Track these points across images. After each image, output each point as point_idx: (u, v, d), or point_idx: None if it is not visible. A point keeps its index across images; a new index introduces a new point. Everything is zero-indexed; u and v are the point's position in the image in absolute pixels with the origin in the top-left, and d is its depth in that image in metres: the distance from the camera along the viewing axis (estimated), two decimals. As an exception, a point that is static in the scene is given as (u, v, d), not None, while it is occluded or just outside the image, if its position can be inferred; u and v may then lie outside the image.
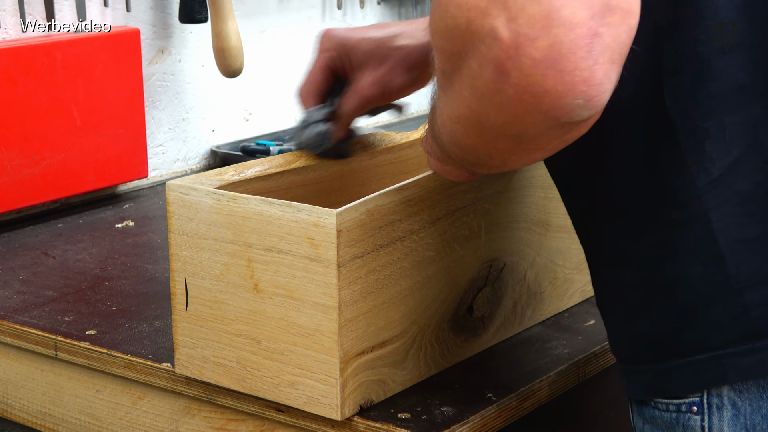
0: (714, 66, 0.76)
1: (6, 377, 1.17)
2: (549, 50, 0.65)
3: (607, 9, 0.65)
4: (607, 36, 0.66)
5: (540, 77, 0.66)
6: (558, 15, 0.65)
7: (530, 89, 0.67)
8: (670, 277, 0.80)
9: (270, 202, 0.92)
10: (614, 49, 0.66)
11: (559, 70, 0.66)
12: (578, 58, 0.65)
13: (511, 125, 0.71)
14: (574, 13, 0.65)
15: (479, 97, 0.70)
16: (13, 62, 1.42)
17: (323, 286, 0.90)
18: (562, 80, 0.66)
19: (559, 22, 0.65)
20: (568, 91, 0.66)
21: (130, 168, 1.58)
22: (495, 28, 0.66)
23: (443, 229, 0.98)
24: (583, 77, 0.66)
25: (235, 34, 1.60)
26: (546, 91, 0.66)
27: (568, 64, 0.65)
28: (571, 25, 0.65)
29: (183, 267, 0.97)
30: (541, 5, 0.65)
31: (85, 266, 1.31)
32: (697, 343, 0.79)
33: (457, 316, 1.02)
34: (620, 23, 0.66)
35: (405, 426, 0.93)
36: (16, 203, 1.46)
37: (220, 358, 0.97)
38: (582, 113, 0.68)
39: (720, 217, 0.77)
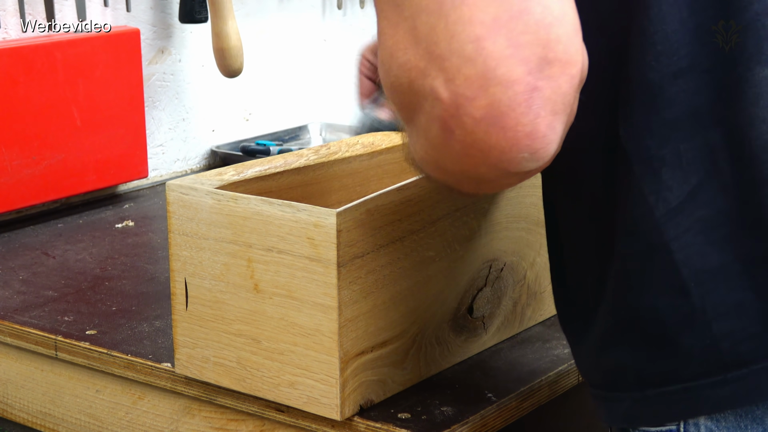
0: (666, 92, 0.73)
1: (6, 377, 1.17)
2: (489, 109, 0.65)
3: (544, 62, 0.64)
4: (547, 89, 0.65)
5: (483, 134, 0.66)
6: (494, 74, 0.64)
7: (475, 145, 0.67)
8: (635, 308, 0.78)
9: (270, 202, 0.92)
10: (556, 101, 0.65)
11: (501, 127, 0.65)
12: (519, 114, 0.65)
13: (467, 172, 0.71)
14: (509, 70, 0.64)
15: (432, 147, 0.70)
16: (14, 62, 1.42)
17: (323, 286, 0.90)
18: (504, 136, 0.65)
19: (496, 81, 0.64)
20: (513, 147, 0.66)
21: (130, 168, 1.58)
22: (435, 89, 0.66)
23: (443, 229, 0.98)
24: (526, 132, 0.65)
25: (235, 34, 1.60)
26: (491, 146, 0.66)
27: (509, 121, 0.65)
28: (508, 83, 0.64)
29: (183, 267, 0.97)
30: (476, 66, 0.64)
31: (85, 266, 1.31)
32: (668, 374, 0.77)
33: (457, 316, 1.02)
34: (560, 74, 0.65)
35: (405, 426, 0.93)
36: (16, 203, 1.46)
37: (221, 358, 0.97)
38: (529, 165, 0.68)
39: (682, 247, 0.75)
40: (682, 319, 0.76)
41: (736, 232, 0.74)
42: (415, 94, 0.68)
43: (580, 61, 0.66)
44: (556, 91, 0.65)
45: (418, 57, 0.66)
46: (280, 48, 1.83)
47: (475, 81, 0.64)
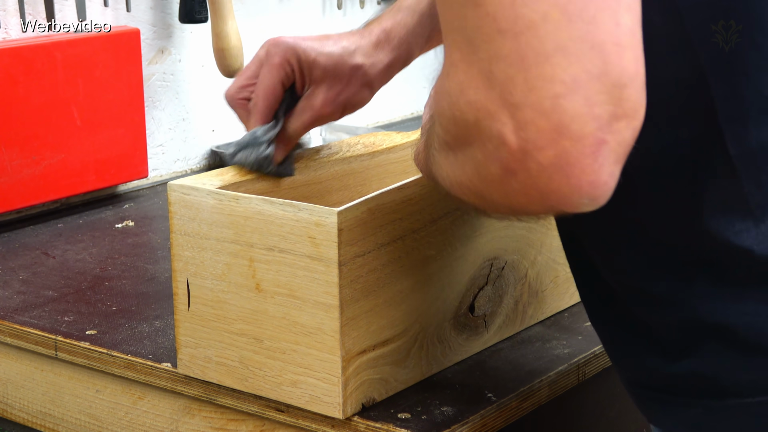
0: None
1: (6, 377, 1.17)
2: (556, 159, 0.66)
3: (614, 118, 0.66)
4: (613, 142, 0.67)
5: (547, 179, 0.67)
6: (567, 129, 0.66)
7: (536, 187, 0.68)
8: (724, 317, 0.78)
9: (271, 202, 0.92)
10: (619, 152, 0.68)
11: (565, 175, 0.67)
12: (585, 165, 0.67)
13: (513, 207, 0.72)
14: (582, 127, 0.66)
15: (482, 181, 0.71)
16: (14, 62, 1.42)
17: (325, 285, 0.90)
18: (568, 183, 0.67)
19: (568, 136, 0.66)
20: (574, 192, 0.68)
21: (130, 168, 1.58)
22: (503, 134, 0.67)
23: (444, 227, 0.98)
24: (589, 180, 0.67)
25: (235, 34, 1.60)
26: (552, 191, 0.68)
27: (575, 170, 0.67)
28: (579, 138, 0.66)
29: (185, 267, 0.97)
30: (550, 120, 0.65)
31: (85, 266, 1.31)
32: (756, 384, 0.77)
33: (458, 314, 1.02)
34: (625, 128, 0.67)
35: (405, 426, 0.93)
36: (16, 203, 1.46)
37: (223, 358, 0.97)
38: (586, 208, 0.69)
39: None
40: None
41: None
42: (479, 132, 0.69)
43: (642, 113, 0.68)
44: (620, 144, 0.67)
45: (489, 100, 0.67)
46: (280, 48, 1.83)
47: (546, 133, 0.66)
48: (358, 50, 1.02)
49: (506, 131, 0.67)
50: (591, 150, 0.66)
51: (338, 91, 1.01)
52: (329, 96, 1.01)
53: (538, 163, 0.67)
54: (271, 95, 1.02)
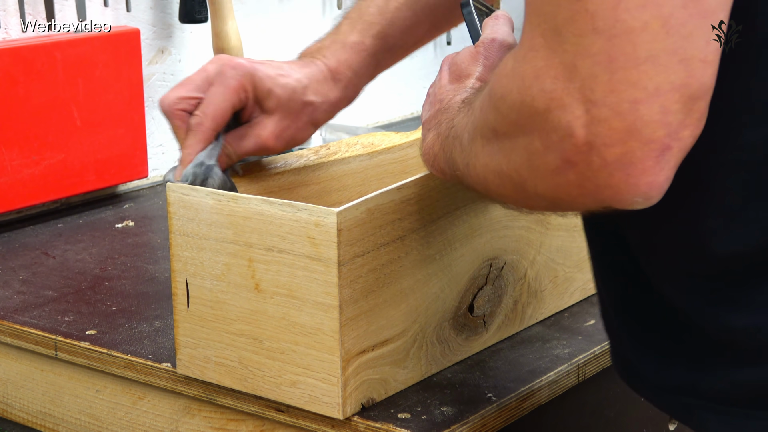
0: None
1: (6, 377, 1.17)
2: (621, 157, 0.68)
3: (681, 127, 0.68)
4: (676, 148, 0.68)
5: (607, 175, 0.69)
6: (638, 132, 0.67)
7: (593, 181, 0.70)
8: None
9: (270, 202, 0.92)
10: (678, 157, 0.69)
11: (626, 173, 0.68)
12: (647, 166, 0.68)
13: (557, 198, 0.73)
14: (653, 132, 0.67)
15: (533, 168, 0.72)
16: (14, 62, 1.42)
17: (324, 285, 0.90)
18: (626, 181, 0.69)
19: (637, 138, 0.67)
20: (631, 190, 0.69)
21: (130, 168, 1.58)
22: (572, 126, 0.68)
23: (444, 227, 0.98)
24: (647, 181, 0.69)
25: (235, 34, 1.60)
26: (610, 185, 0.69)
27: (636, 170, 0.68)
28: (648, 141, 0.67)
29: (184, 267, 0.97)
30: (625, 122, 0.67)
31: (85, 266, 1.31)
32: None
33: (457, 314, 1.02)
34: (689, 136, 0.69)
35: (405, 426, 0.93)
36: (16, 203, 1.46)
37: (222, 358, 0.97)
38: (637, 206, 0.71)
39: None
40: None
41: None
42: (546, 121, 0.69)
43: (703, 123, 0.70)
44: (681, 150, 0.69)
45: (567, 92, 0.68)
46: (280, 48, 1.84)
47: (618, 133, 0.67)
48: (310, 87, 1.03)
49: (577, 124, 0.68)
50: (656, 154, 0.68)
51: (286, 125, 1.03)
52: (277, 129, 1.03)
53: (602, 159, 0.68)
54: (221, 118, 1.02)
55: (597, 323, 1.13)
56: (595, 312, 1.16)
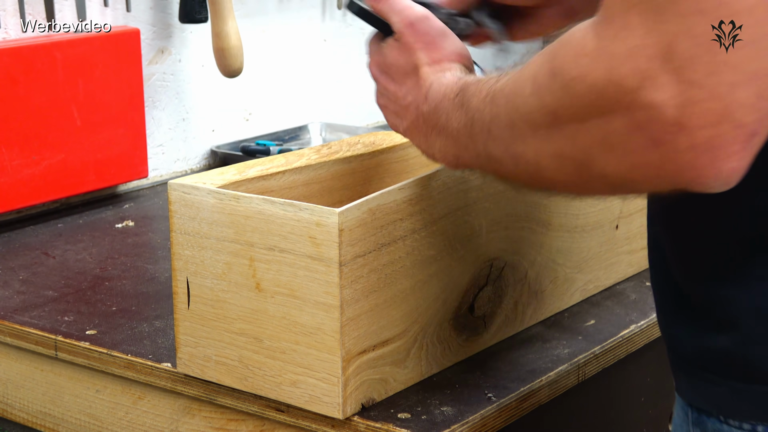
0: None
1: (6, 377, 1.17)
2: (711, 140, 0.68)
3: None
4: (762, 134, 0.69)
5: (692, 157, 0.69)
6: (732, 116, 0.67)
7: (677, 162, 0.70)
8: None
9: (272, 201, 0.92)
10: (760, 144, 0.69)
11: (712, 157, 0.69)
12: (733, 151, 0.68)
13: (629, 179, 0.73)
14: (745, 116, 0.67)
15: (607, 149, 0.72)
16: (14, 62, 1.42)
17: (325, 285, 0.90)
18: (712, 164, 0.69)
19: (730, 121, 0.68)
20: (714, 174, 0.69)
21: (130, 168, 1.58)
22: (663, 107, 0.68)
23: (444, 228, 0.98)
24: (731, 166, 0.69)
25: (235, 34, 1.60)
26: (693, 167, 0.69)
27: (723, 154, 0.69)
28: (739, 125, 0.68)
29: (185, 266, 0.97)
30: (720, 104, 0.67)
31: (85, 266, 1.31)
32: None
33: (458, 315, 1.02)
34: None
35: (405, 426, 0.93)
36: (16, 203, 1.46)
37: (223, 357, 0.97)
38: (714, 189, 0.71)
39: None
40: None
41: None
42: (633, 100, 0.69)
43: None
44: (764, 136, 0.69)
45: (663, 71, 0.68)
46: (280, 48, 1.84)
47: (711, 115, 0.68)
48: None
49: (669, 104, 0.68)
50: (744, 138, 0.68)
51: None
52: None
53: (690, 140, 0.68)
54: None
55: (597, 323, 1.14)
56: (594, 312, 1.16)
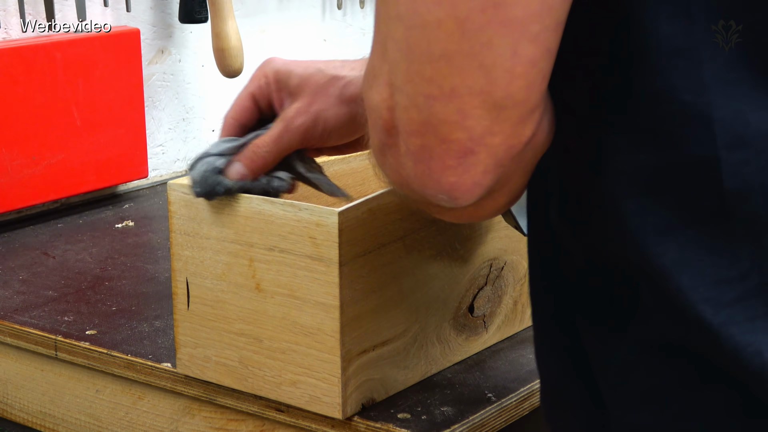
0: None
1: (6, 377, 1.17)
2: (421, 149, 0.66)
3: (488, 134, 0.65)
4: (483, 154, 0.66)
5: (411, 163, 0.67)
6: (434, 129, 0.65)
7: (403, 167, 0.68)
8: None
9: (271, 202, 0.92)
10: (488, 163, 0.66)
11: (427, 167, 0.67)
12: (447, 165, 0.66)
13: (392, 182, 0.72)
14: (450, 132, 0.65)
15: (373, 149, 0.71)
16: (14, 62, 1.42)
17: (325, 285, 0.90)
18: (429, 176, 0.67)
19: (434, 134, 0.65)
20: (434, 186, 0.67)
21: (130, 168, 1.58)
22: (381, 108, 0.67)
23: (444, 227, 0.98)
24: (450, 181, 0.67)
25: (235, 34, 1.60)
26: (415, 176, 0.68)
27: (437, 166, 0.66)
28: (445, 140, 0.65)
29: (185, 267, 0.97)
30: (421, 114, 0.65)
31: (85, 266, 1.31)
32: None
33: (458, 315, 1.02)
34: (500, 144, 0.66)
35: (405, 426, 0.93)
36: (16, 203, 1.46)
37: (222, 358, 0.97)
38: (446, 205, 0.69)
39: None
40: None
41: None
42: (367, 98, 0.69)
43: (528, 134, 0.67)
44: (492, 157, 0.66)
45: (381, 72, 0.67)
46: (280, 48, 1.84)
47: (415, 124, 0.66)
48: (347, 65, 0.95)
49: (383, 106, 0.67)
50: (456, 154, 0.65)
51: (311, 101, 0.93)
52: (302, 106, 0.93)
53: (407, 146, 0.67)
54: (240, 105, 0.96)
55: (597, 323, 1.14)
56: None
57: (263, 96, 0.95)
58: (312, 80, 0.93)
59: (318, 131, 0.93)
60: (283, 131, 0.93)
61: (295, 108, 0.93)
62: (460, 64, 0.63)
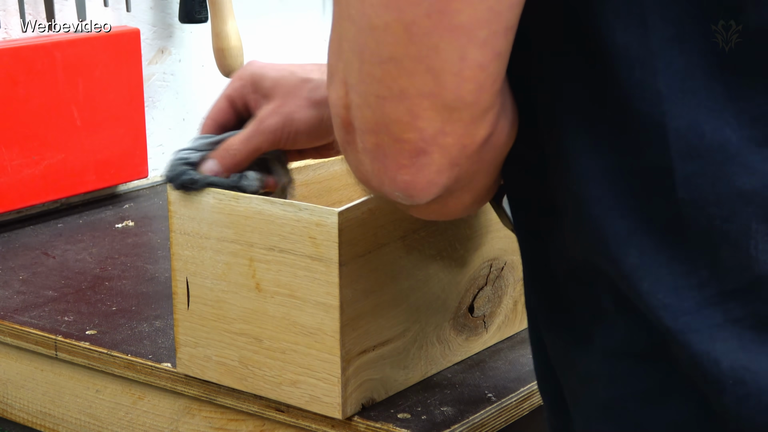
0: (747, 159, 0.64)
1: (6, 377, 1.17)
2: (375, 147, 0.67)
3: (440, 134, 0.65)
4: (436, 154, 0.66)
5: (368, 160, 0.68)
6: (387, 128, 0.66)
7: (361, 163, 0.69)
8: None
9: (271, 202, 0.92)
10: (442, 163, 0.67)
11: (382, 165, 0.67)
12: (401, 164, 0.67)
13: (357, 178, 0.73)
14: (402, 132, 0.65)
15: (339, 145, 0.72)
16: (14, 62, 1.42)
17: (325, 285, 0.90)
18: (385, 173, 0.68)
19: (387, 133, 0.66)
20: (389, 183, 0.68)
21: (130, 168, 1.58)
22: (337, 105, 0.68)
23: (444, 228, 0.98)
24: (404, 180, 0.67)
25: (235, 34, 1.60)
26: (371, 173, 0.69)
27: (391, 164, 0.67)
28: (397, 140, 0.66)
29: (185, 266, 0.97)
30: (373, 114, 0.66)
31: (85, 266, 1.31)
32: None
33: (458, 315, 1.02)
34: (453, 145, 0.66)
35: (405, 426, 0.93)
36: (16, 203, 1.46)
37: (222, 358, 0.97)
38: (402, 201, 0.70)
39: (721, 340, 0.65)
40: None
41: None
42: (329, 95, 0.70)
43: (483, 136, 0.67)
44: (445, 156, 0.67)
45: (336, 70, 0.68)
46: (280, 48, 1.84)
47: (369, 122, 0.66)
48: (317, 68, 0.96)
49: (339, 104, 0.68)
50: (409, 154, 0.66)
51: (282, 102, 0.95)
52: (273, 106, 0.95)
53: (363, 143, 0.68)
54: (217, 107, 0.98)
55: (597, 323, 1.14)
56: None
57: (239, 98, 0.97)
58: (283, 82, 0.95)
59: (287, 132, 0.94)
60: (253, 131, 0.95)
61: (267, 109, 0.95)
62: (408, 67, 0.64)
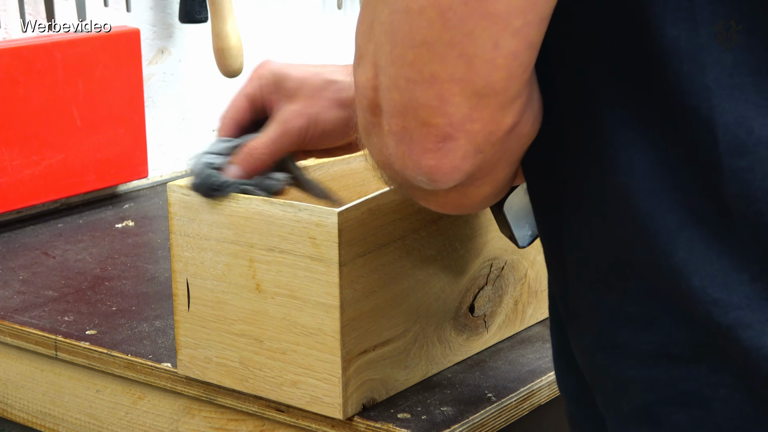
0: None
1: (6, 377, 1.17)
2: (402, 130, 0.67)
3: (468, 120, 0.65)
4: (463, 140, 0.66)
5: (393, 142, 0.68)
6: (414, 112, 0.66)
7: (387, 146, 0.69)
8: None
9: (271, 202, 0.92)
10: (468, 149, 0.67)
11: (408, 148, 0.67)
12: (427, 148, 0.67)
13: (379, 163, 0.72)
14: (429, 117, 0.65)
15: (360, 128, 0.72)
16: (14, 62, 1.42)
17: (325, 286, 0.90)
18: (409, 156, 0.67)
19: (414, 117, 0.66)
20: (414, 167, 0.68)
21: (130, 168, 1.58)
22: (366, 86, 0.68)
23: (444, 227, 0.98)
24: (429, 164, 0.67)
25: (235, 34, 1.60)
26: (396, 155, 0.68)
27: (417, 148, 0.67)
28: (424, 124, 0.66)
29: (185, 268, 0.97)
30: (402, 97, 0.66)
31: (85, 266, 1.31)
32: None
33: (458, 315, 1.02)
34: (480, 131, 0.66)
35: (405, 426, 0.93)
36: (16, 203, 1.46)
37: (223, 359, 0.97)
38: (425, 186, 0.69)
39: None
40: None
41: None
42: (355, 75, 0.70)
43: (509, 123, 0.67)
44: (471, 143, 0.66)
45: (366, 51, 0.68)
46: (280, 48, 1.84)
47: (397, 105, 0.66)
48: (335, 69, 0.96)
49: (368, 85, 0.68)
50: (436, 138, 0.66)
51: (307, 104, 0.94)
52: (297, 107, 0.94)
53: (388, 125, 0.67)
54: (236, 105, 0.97)
55: (597, 323, 1.13)
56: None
57: (259, 97, 0.96)
58: (308, 83, 0.95)
59: (312, 134, 0.94)
60: (280, 133, 0.94)
61: (292, 110, 0.94)
62: (440, 51, 0.64)
